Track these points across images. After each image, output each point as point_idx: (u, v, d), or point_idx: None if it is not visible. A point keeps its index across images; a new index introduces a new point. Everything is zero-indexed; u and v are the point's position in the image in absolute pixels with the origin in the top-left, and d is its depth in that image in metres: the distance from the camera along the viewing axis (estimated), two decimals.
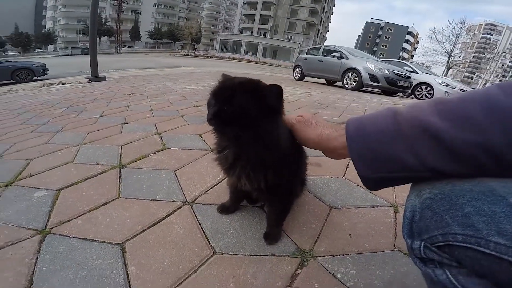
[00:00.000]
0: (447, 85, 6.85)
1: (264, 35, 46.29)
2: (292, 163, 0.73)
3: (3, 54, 45.47)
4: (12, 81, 8.64)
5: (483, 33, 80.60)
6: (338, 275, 0.72)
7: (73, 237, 0.85)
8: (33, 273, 0.72)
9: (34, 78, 9.03)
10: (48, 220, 0.94)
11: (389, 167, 0.39)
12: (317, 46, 8.89)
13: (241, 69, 14.02)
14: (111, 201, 1.04)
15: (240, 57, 38.51)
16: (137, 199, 1.05)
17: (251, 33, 47.11)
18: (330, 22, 59.85)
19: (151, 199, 1.05)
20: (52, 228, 0.89)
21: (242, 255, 0.78)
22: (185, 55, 37.60)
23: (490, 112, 0.31)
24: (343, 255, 0.79)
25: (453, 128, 0.33)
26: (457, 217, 0.32)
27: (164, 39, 56.02)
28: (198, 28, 53.78)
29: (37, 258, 0.77)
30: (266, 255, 0.78)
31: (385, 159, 0.39)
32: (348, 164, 1.38)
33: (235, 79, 0.61)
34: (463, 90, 6.97)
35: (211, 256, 0.77)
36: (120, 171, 1.28)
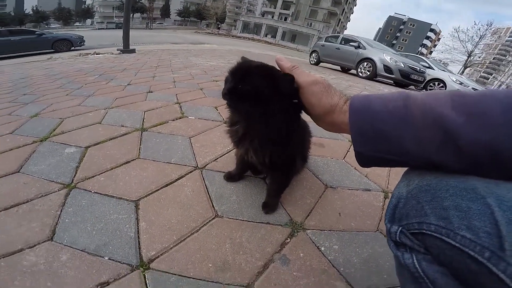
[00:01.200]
0: (461, 83, 6.44)
1: (285, 19, 44.12)
2: (296, 142, 0.72)
3: (46, 26, 46.21)
4: (52, 50, 8.81)
5: (509, 37, 73.12)
6: (322, 248, 0.72)
7: (95, 192, 0.87)
8: (56, 224, 0.74)
9: (72, 48, 9.12)
10: (74, 175, 0.96)
11: (388, 149, 0.37)
12: (336, 34, 8.43)
13: (260, 49, 13.56)
14: (131, 161, 1.07)
15: (259, 39, 37.25)
16: (154, 160, 1.07)
17: (272, 17, 45.07)
18: (352, 13, 56.00)
19: (166, 162, 1.06)
20: (78, 183, 0.92)
21: (240, 220, 0.79)
22: (209, 33, 36.65)
23: (508, 110, 0.29)
24: (330, 230, 0.79)
25: (466, 124, 0.31)
26: (436, 208, 0.32)
27: (191, 17, 54.67)
28: (223, 9, 51.97)
29: (61, 211, 0.79)
30: (262, 223, 0.79)
31: (386, 140, 0.36)
32: (349, 148, 1.34)
33: (252, 62, 0.60)
34: (476, 90, 6.53)
35: (213, 218, 0.79)
36: (141, 134, 1.30)
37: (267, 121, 0.60)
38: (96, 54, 5.89)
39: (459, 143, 0.31)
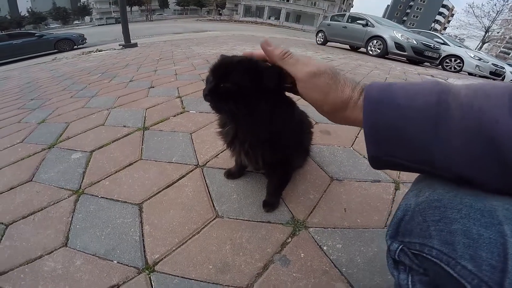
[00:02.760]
0: (479, 59, 6.17)
1: (288, 0, 42.48)
2: (292, 138, 0.68)
3: (46, 27, 46.72)
4: (55, 50, 8.88)
5: None
6: (325, 248, 0.71)
7: (101, 197, 0.90)
8: (69, 230, 0.78)
9: (75, 47, 9.18)
10: (82, 181, 1.00)
11: (410, 155, 0.30)
12: (342, 13, 8.15)
13: (264, 32, 13.22)
14: (134, 162, 1.09)
15: (263, 21, 36.32)
16: (155, 161, 1.08)
17: None
18: None
19: (167, 162, 1.07)
20: (85, 188, 0.96)
21: (241, 219, 0.79)
22: (211, 20, 36.03)
23: None
24: (334, 228, 0.77)
25: None
26: (442, 231, 0.28)
27: (191, 5, 53.59)
28: None
29: (72, 217, 0.83)
30: (263, 222, 0.78)
31: (408, 145, 0.30)
32: (358, 134, 1.30)
33: (234, 58, 0.55)
34: (496, 65, 6.26)
35: (214, 218, 0.80)
36: (143, 133, 1.32)
37: (254, 121, 0.57)
38: (99, 51, 5.92)
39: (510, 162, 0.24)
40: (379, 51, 5.88)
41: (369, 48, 6.13)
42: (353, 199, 0.89)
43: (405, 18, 64.56)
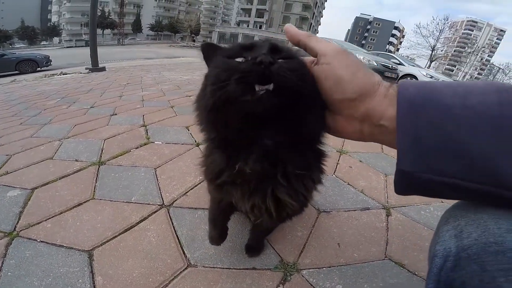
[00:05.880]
0: (431, 77, 6.80)
1: (260, 28, 45.13)
2: None
3: (10, 46, 43.69)
4: (16, 72, 8.19)
5: (464, 29, 78.76)
6: None
7: (41, 241, 0.74)
8: None
9: (38, 69, 8.60)
10: (17, 222, 0.82)
11: (466, 171, 0.23)
12: None
13: None
14: (84, 202, 0.91)
15: None
16: (111, 201, 0.91)
17: (248, 26, 46.04)
18: (322, 17, 58.42)
19: (125, 201, 0.91)
20: (21, 231, 0.78)
21: (219, 268, 0.65)
22: (184, 46, 36.42)
23: None
24: (330, 267, 0.66)
25: None
26: None
27: (164, 31, 54.15)
28: (197, 21, 52.11)
29: (2, 263, 0.68)
30: (247, 269, 0.65)
31: (464, 155, 0.22)
32: (338, 160, 1.24)
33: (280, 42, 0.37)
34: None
35: (185, 268, 0.65)
36: (98, 169, 1.13)
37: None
38: (63, 74, 5.58)
39: None
40: None
41: None
42: (345, 231, 0.79)
43: (363, 42, 70.95)
